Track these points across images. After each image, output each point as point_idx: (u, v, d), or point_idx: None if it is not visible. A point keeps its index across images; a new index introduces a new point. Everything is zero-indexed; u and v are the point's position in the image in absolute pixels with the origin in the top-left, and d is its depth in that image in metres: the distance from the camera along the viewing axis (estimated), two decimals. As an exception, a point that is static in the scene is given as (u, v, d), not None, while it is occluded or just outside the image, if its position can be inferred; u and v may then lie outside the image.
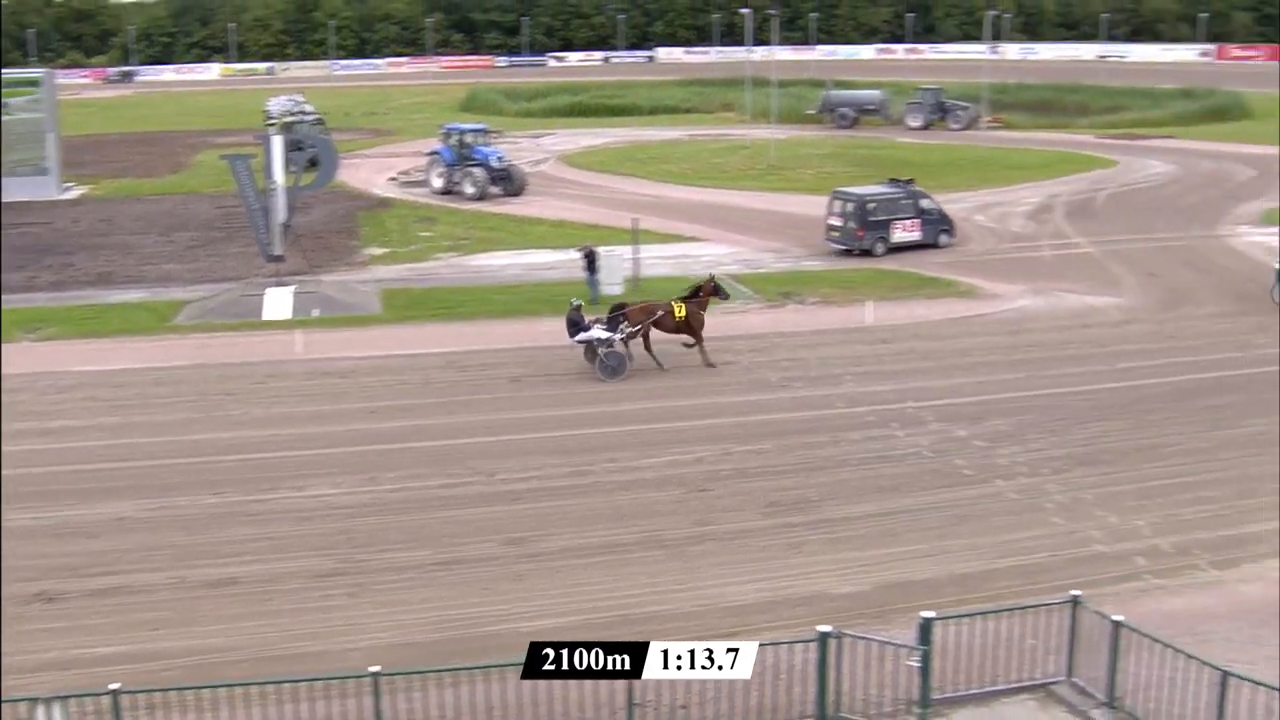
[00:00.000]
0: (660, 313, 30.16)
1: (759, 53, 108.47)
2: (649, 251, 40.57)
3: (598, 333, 29.49)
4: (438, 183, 57.57)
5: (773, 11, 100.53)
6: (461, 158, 57.02)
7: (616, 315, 29.97)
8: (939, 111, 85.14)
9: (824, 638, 14.92)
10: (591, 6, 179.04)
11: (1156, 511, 21.47)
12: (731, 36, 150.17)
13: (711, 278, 32.14)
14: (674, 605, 18.32)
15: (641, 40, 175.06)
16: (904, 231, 44.13)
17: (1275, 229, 48.03)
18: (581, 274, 37.03)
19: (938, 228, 45.08)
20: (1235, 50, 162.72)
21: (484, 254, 44.25)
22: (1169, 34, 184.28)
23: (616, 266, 37.52)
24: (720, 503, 22.05)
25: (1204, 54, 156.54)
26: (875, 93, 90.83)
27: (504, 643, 16.93)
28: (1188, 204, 54.33)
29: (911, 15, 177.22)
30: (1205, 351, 31.43)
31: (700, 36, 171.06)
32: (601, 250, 37.43)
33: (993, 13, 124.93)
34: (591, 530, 20.93)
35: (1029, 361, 30.57)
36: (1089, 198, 55.85)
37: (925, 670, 15.02)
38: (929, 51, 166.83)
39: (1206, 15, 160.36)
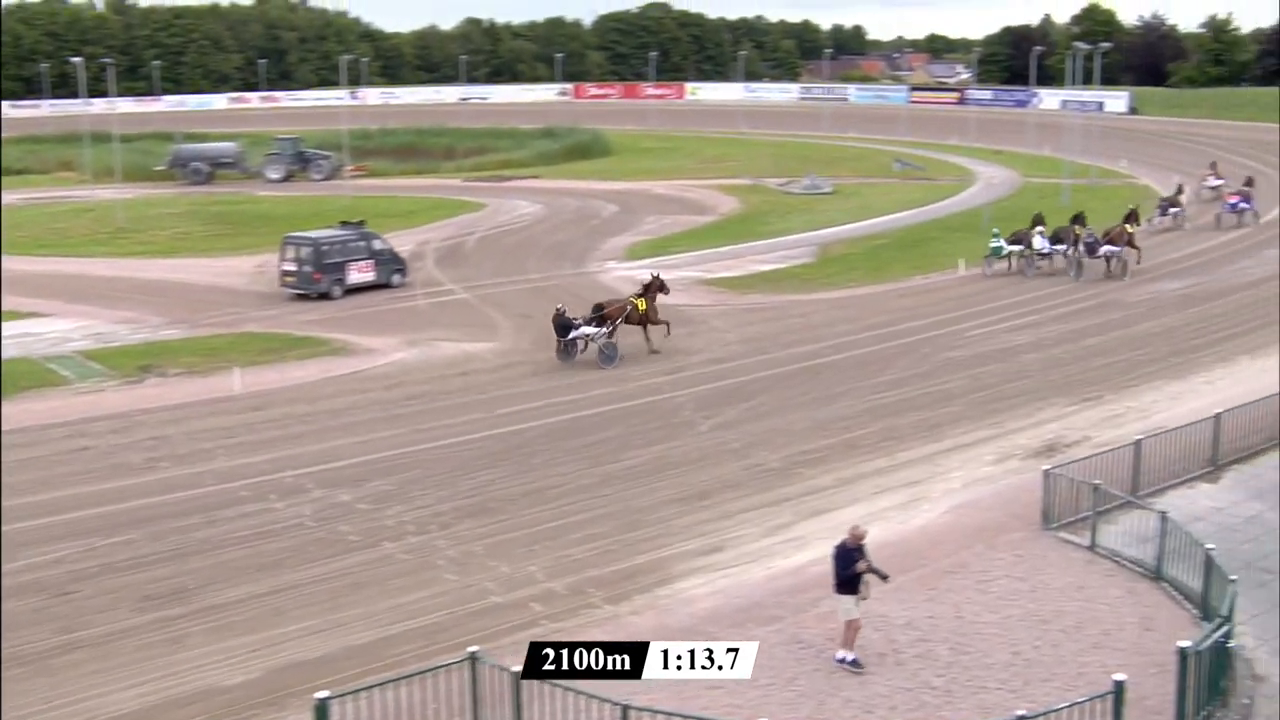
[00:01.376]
0: (629, 309, 36.84)
1: (97, 105, 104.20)
2: (-21, 333, 37.82)
3: (591, 330, 36.08)
4: None
5: (109, 60, 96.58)
6: None
7: (599, 315, 36.30)
8: (300, 162, 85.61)
9: (209, 738, 14.53)
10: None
11: (548, 555, 22.63)
12: (65, 88, 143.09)
13: (656, 275, 38.52)
14: (37, 730, 17.19)
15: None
16: (359, 273, 46.49)
17: (639, 263, 52.14)
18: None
19: (391, 268, 47.58)
20: (591, 89, 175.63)
21: None
22: (528, 74, 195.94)
23: (-60, 352, 34.70)
24: (88, 604, 20.91)
25: (562, 93, 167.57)
26: (230, 145, 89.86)
27: None
28: (556, 242, 57.90)
29: (264, 61, 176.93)
30: (582, 389, 33.53)
31: (28, 89, 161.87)
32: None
33: (349, 57, 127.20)
34: (-70, 660, 19.17)
35: (409, 416, 31.33)
36: (459, 242, 58.21)
37: (323, 755, 14.97)
38: (286, 99, 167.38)
39: (562, 55, 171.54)
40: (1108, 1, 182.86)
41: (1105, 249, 47.36)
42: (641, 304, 37.25)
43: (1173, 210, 59.94)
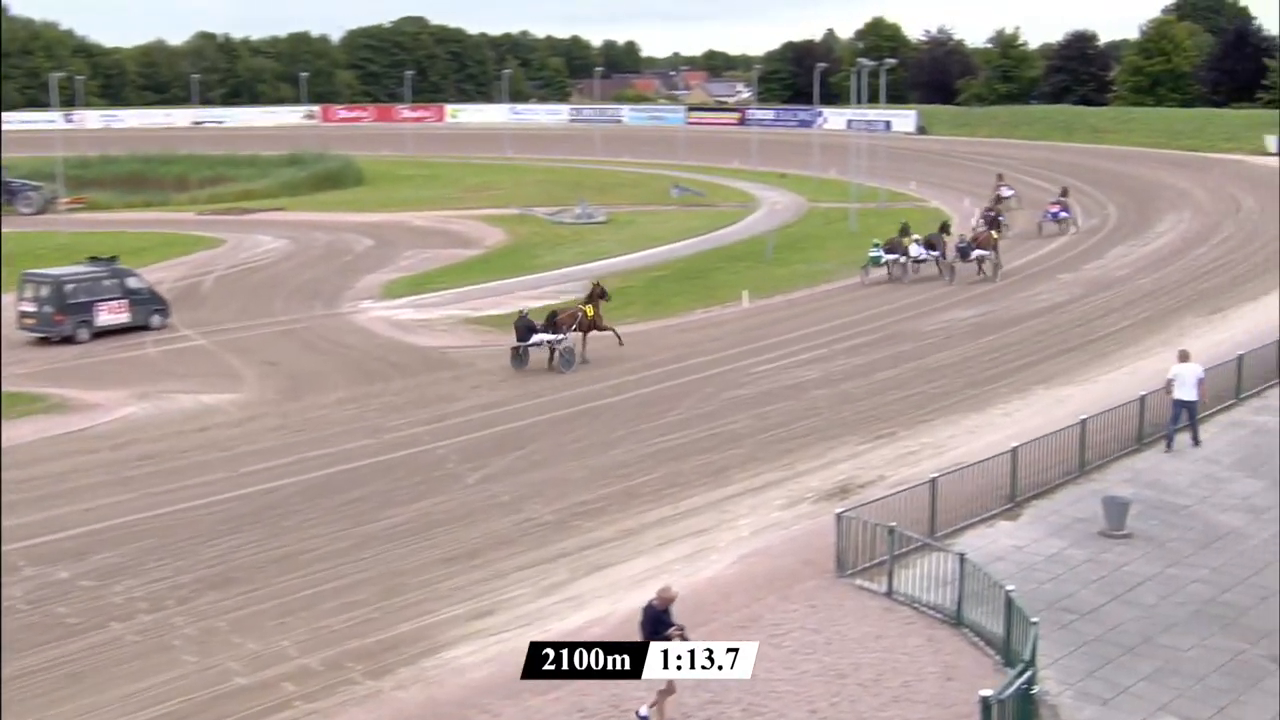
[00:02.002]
0: (580, 315, 40.78)
1: None
2: None
3: (550, 336, 39.95)
4: None
5: None
6: None
7: (553, 322, 40.27)
8: (5, 194, 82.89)
9: None
10: None
11: (302, 628, 22.24)
12: None
13: (598, 283, 43.53)
14: None
15: None
16: (110, 314, 45.96)
17: (398, 301, 51.90)
18: None
19: (149, 308, 47.25)
20: (341, 111, 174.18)
21: None
22: (270, 95, 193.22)
23: None
24: None
25: (309, 116, 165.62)
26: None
27: None
28: (305, 281, 57.23)
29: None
30: (337, 442, 33.11)
31: None
32: None
33: (61, 74, 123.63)
34: None
35: (141, 478, 30.46)
36: (196, 282, 57.07)
37: None
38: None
39: (308, 74, 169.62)
40: (893, 16, 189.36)
41: (977, 252, 54.46)
42: (590, 310, 41.21)
43: (999, 219, 63.20)
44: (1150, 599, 22.36)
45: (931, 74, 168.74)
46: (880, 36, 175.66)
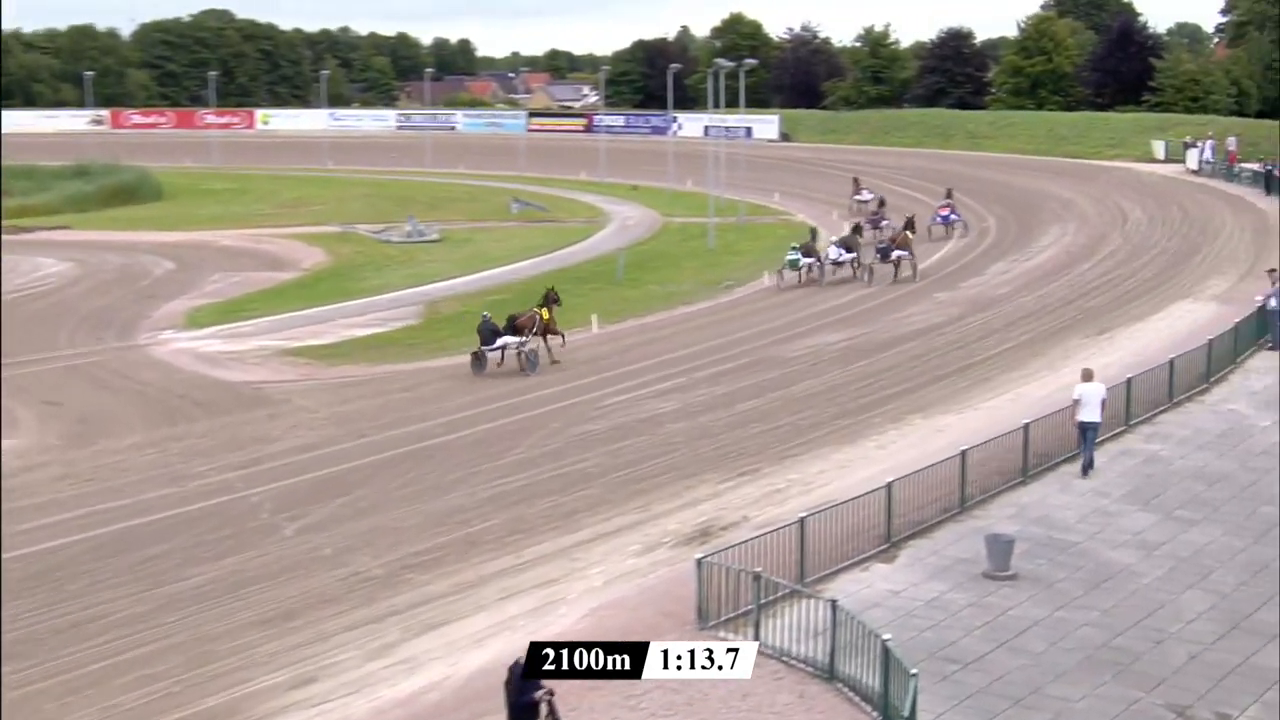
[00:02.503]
0: (537, 318, 44.80)
1: None
2: None
3: (512, 339, 43.96)
4: None
5: None
6: None
7: (512, 326, 44.21)
8: None
9: None
10: None
11: (89, 708, 21.71)
12: None
13: (551, 289, 47.28)
14: None
15: None
16: None
17: (204, 331, 51.21)
18: None
19: None
20: (134, 116, 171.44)
21: None
22: (49, 97, 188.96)
23: None
24: None
25: (96, 121, 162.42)
26: None
27: None
28: (95, 309, 56.27)
29: None
30: (133, 492, 32.47)
31: None
32: None
33: None
34: None
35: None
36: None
37: None
38: None
39: (94, 74, 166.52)
40: (753, 12, 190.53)
41: (896, 253, 59.42)
42: (545, 313, 45.22)
43: (884, 223, 67.65)
44: (1038, 645, 22.75)
45: (795, 76, 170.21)
46: (739, 35, 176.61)
